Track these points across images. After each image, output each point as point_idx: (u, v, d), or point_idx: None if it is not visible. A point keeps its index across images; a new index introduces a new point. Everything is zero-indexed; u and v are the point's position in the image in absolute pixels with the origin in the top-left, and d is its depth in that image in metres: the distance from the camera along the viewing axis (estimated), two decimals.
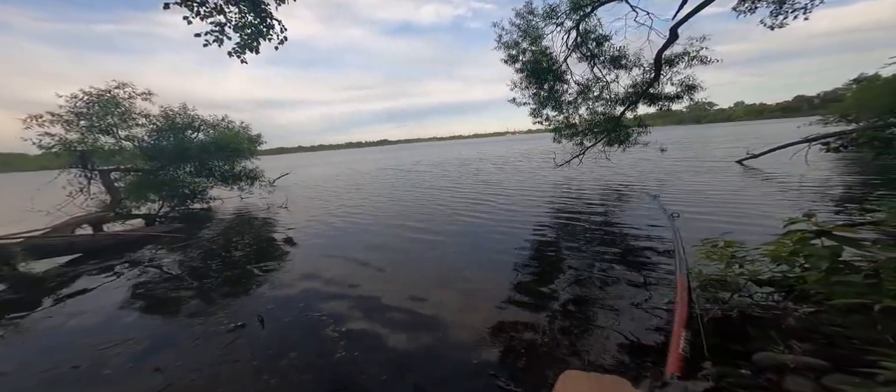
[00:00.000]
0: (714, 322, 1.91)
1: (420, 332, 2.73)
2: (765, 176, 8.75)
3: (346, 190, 13.75)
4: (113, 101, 8.58)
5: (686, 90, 7.81)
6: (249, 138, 11.86)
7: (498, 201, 8.06)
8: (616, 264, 3.72)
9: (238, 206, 11.42)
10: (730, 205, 6.00)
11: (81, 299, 4.06)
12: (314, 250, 5.56)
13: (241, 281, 4.34)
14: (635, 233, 4.83)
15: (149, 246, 6.64)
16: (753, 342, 1.73)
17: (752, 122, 69.53)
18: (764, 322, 1.84)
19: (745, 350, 1.67)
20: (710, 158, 13.69)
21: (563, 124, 9.72)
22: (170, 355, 2.65)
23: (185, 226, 8.34)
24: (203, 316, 3.34)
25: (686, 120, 17.98)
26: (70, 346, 2.90)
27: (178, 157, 9.87)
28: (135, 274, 4.91)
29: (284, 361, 2.47)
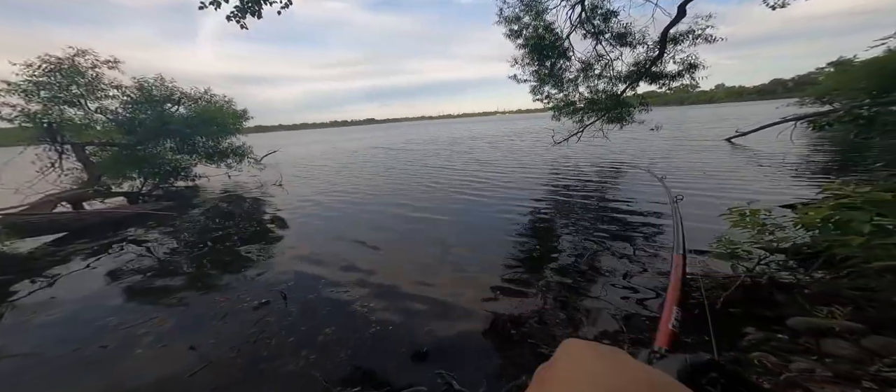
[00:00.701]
0: (742, 289, 2.06)
1: (435, 309, 2.77)
2: (755, 152, 9.21)
3: (338, 169, 13.40)
4: (75, 70, 7.75)
5: (688, 69, 7.86)
6: (234, 113, 11.16)
7: (494, 180, 8.12)
8: (614, 240, 3.86)
9: (227, 184, 10.94)
10: (730, 180, 6.33)
11: (85, 278, 3.88)
12: (317, 228, 5.47)
13: (251, 258, 4.24)
14: (634, 210, 5.01)
15: (138, 224, 6.32)
16: (782, 308, 1.88)
17: (732, 104, 72.31)
18: (789, 288, 1.99)
19: (774, 315, 1.81)
20: (701, 137, 14.18)
21: (563, 102, 9.67)
22: (200, 334, 2.61)
23: (174, 204, 7.95)
24: (222, 293, 3.27)
25: (671, 101, 18.49)
26: (91, 327, 2.79)
27: (157, 131, 9.19)
28: (135, 252, 4.70)
29: (320, 337, 2.48)
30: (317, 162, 16.23)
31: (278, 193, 8.93)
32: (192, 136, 9.85)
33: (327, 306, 2.91)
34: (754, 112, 28.42)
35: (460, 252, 3.92)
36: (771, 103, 41.40)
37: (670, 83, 8.01)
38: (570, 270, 3.25)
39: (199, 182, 11.01)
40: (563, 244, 3.98)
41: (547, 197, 6.34)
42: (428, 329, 2.49)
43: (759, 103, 59.13)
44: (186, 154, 10.29)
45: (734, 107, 55.37)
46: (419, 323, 2.58)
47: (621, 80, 8.59)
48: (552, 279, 3.11)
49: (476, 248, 4.02)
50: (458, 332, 2.45)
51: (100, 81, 8.26)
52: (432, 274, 3.41)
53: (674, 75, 8.04)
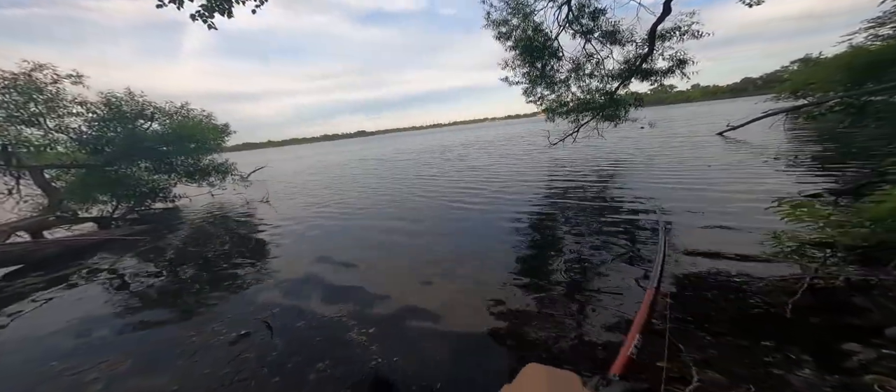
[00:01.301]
0: (812, 293, 1.75)
1: (440, 335, 2.40)
2: (750, 145, 9.27)
3: (328, 182, 12.90)
4: (32, 86, 7.13)
5: (678, 64, 7.84)
6: (215, 129, 10.62)
7: (487, 188, 7.75)
8: (607, 254, 3.42)
9: (209, 203, 10.31)
10: (738, 172, 6.20)
11: (31, 317, 3.31)
12: (306, 247, 4.99)
13: (232, 284, 3.76)
14: (630, 219, 4.68)
15: (105, 252, 5.71)
16: (869, 314, 1.56)
17: (707, 103, 74.90)
18: (867, 290, 1.69)
19: (868, 324, 1.50)
20: (691, 133, 14.28)
21: (556, 103, 9.57)
22: (161, 377, 2.13)
23: (149, 227, 7.32)
24: (196, 325, 2.79)
25: (649, 101, 19.04)
26: (29, 375, 2.27)
27: (129, 150, 8.57)
28: (95, 284, 4.13)
29: (312, 375, 2.05)
30: (304, 177, 15.68)
31: (264, 210, 8.40)
32: (168, 154, 9.27)
33: (319, 336, 2.48)
34: (732, 109, 29.37)
35: (455, 268, 3.50)
36: (745, 101, 43.01)
37: (662, 79, 8.03)
38: (557, 282, 2.92)
39: (181, 203, 10.37)
40: (553, 254, 3.58)
41: (542, 204, 6.00)
42: (436, 359, 2.09)
43: (733, 101, 61.59)
44: (163, 173, 9.69)
45: (710, 105, 57.32)
46: (425, 353, 2.18)
47: (613, 78, 8.56)
48: (540, 292, 2.76)
49: (470, 262, 3.64)
50: (468, 365, 2.05)
51: (61, 98, 7.63)
52: (430, 294, 2.99)
53: (664, 71, 8.02)
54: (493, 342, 2.21)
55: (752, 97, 22.44)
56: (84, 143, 8.22)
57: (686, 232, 3.61)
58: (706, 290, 2.45)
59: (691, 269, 2.78)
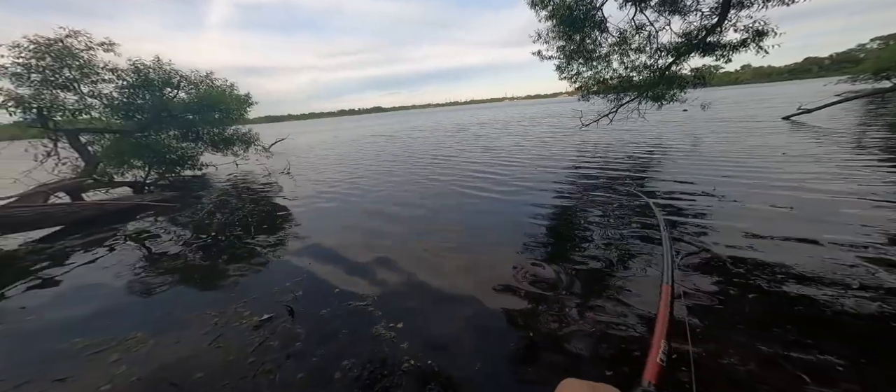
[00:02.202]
0: None
1: (481, 335, 2.15)
2: (829, 132, 8.16)
3: (348, 156, 12.80)
4: (67, 52, 7.20)
5: (755, 37, 6.57)
6: (238, 98, 10.59)
7: (506, 171, 7.31)
8: (636, 248, 3.10)
9: (234, 172, 10.49)
10: (825, 163, 5.42)
11: (61, 285, 3.37)
12: (327, 221, 4.88)
13: (254, 258, 3.68)
14: (676, 204, 4.20)
15: (140, 216, 5.87)
16: None
17: (759, 85, 67.59)
18: None
19: None
20: (747, 118, 12.73)
21: (593, 81, 8.68)
22: (185, 362, 2.04)
23: (179, 194, 7.49)
24: (218, 305, 2.71)
25: (685, 84, 16.75)
26: (50, 350, 2.25)
27: (158, 118, 8.69)
28: (127, 250, 4.20)
29: (337, 373, 1.88)
30: (323, 150, 15.68)
31: (286, 182, 8.42)
32: (194, 123, 9.36)
33: (343, 327, 2.31)
34: (790, 92, 26.39)
35: (476, 257, 3.27)
36: (807, 83, 38.07)
37: (730, 54, 6.75)
38: (583, 281, 2.61)
39: (207, 171, 10.64)
40: (578, 250, 3.22)
41: (567, 191, 5.54)
42: (476, 366, 1.86)
43: (790, 84, 55.05)
44: (191, 142, 9.87)
45: (762, 87, 51.82)
46: (461, 358, 1.94)
47: (668, 52, 7.43)
48: (564, 292, 2.45)
49: (491, 250, 3.38)
50: (506, 374, 1.81)
51: (94, 64, 7.71)
52: (460, 282, 2.78)
53: (735, 45, 6.78)
54: (522, 343, 1.98)
55: (818, 79, 19.67)
56: (116, 109, 8.37)
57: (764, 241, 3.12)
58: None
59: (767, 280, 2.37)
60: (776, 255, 2.74)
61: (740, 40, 6.72)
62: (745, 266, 2.63)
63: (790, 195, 4.15)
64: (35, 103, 6.79)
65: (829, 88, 13.80)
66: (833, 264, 2.56)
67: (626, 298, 2.36)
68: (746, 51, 6.72)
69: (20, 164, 7.13)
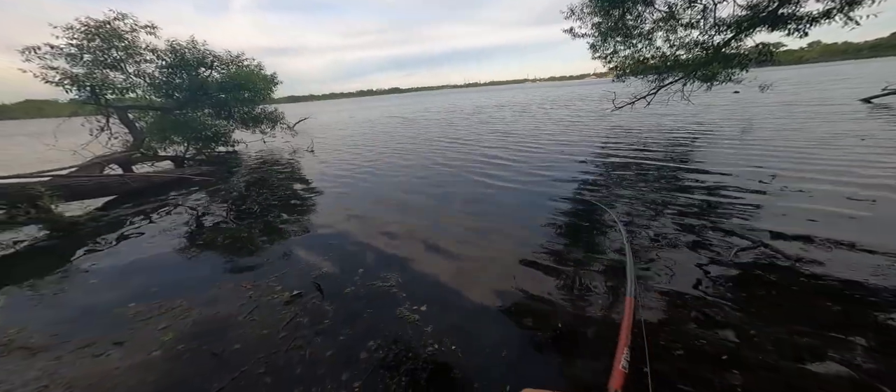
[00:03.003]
0: None
1: (484, 315, 2.11)
2: None
3: (370, 136, 12.91)
4: (114, 33, 7.60)
5: (845, 5, 5.31)
6: (265, 78, 10.86)
7: (523, 158, 7.02)
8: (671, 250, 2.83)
9: (262, 149, 10.93)
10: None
11: (119, 250, 3.70)
12: (349, 199, 4.99)
13: (284, 233, 3.85)
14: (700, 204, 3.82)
15: (180, 189, 6.29)
16: None
17: (827, 64, 58.44)
18: None
19: None
20: (816, 101, 11.27)
21: (632, 60, 7.96)
22: (224, 334, 2.18)
23: (215, 169, 7.93)
24: (253, 277, 2.87)
25: (746, 63, 14.40)
26: (107, 316, 2.49)
27: (194, 96, 9.11)
28: (171, 221, 4.53)
29: (363, 353, 1.93)
30: (350, 130, 15.89)
31: (310, 159, 8.70)
32: (226, 101, 9.75)
33: (368, 307, 2.36)
34: (872, 71, 22.95)
35: (493, 243, 3.21)
36: (890, 61, 32.45)
37: (807, 27, 5.61)
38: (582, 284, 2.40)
39: (238, 147, 11.16)
40: (604, 241, 3.04)
41: (592, 181, 5.24)
42: (503, 356, 1.84)
43: (872, 61, 47.10)
44: (223, 120, 10.33)
45: (831, 67, 45.43)
46: (487, 347, 1.93)
47: (728, 27, 6.43)
48: (558, 292, 2.28)
49: (507, 238, 3.30)
50: (532, 361, 1.77)
51: (137, 45, 8.11)
52: (479, 268, 2.74)
53: (816, 17, 5.60)
54: (546, 335, 1.91)
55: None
56: (157, 87, 8.85)
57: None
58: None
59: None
60: (841, 256, 2.44)
61: (824, 10, 5.56)
62: (804, 267, 2.37)
63: (866, 190, 3.66)
64: (88, 82, 7.30)
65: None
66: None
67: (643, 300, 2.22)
68: (829, 23, 5.54)
69: (78, 138, 7.78)
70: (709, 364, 1.68)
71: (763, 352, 1.73)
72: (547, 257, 2.85)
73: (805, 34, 5.60)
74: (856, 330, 1.82)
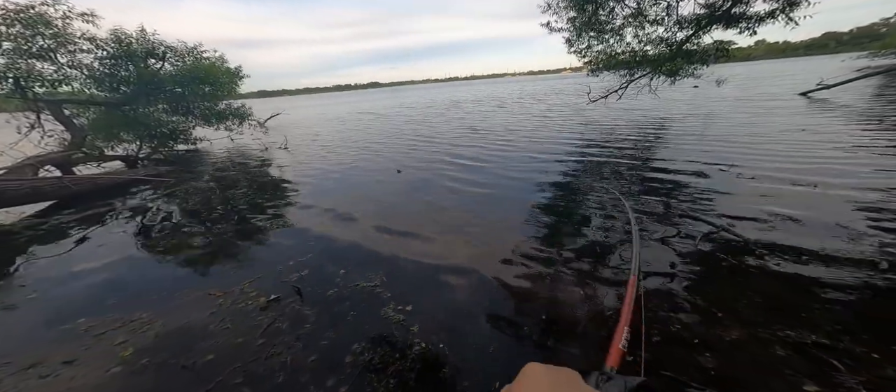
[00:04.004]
0: None
1: (471, 310, 2.13)
2: (845, 109, 7.94)
3: (346, 132, 12.49)
4: (39, 19, 6.68)
5: (786, 6, 6.08)
6: (228, 71, 10.13)
7: (513, 150, 7.15)
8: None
9: (229, 147, 10.26)
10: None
11: (62, 260, 3.30)
12: (329, 198, 4.78)
13: (257, 235, 3.62)
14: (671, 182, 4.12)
15: (134, 191, 5.73)
16: None
17: (773, 61, 65.71)
18: None
19: None
20: (762, 96, 12.23)
21: (605, 55, 8.29)
22: (194, 345, 2.01)
23: (173, 169, 7.32)
24: (224, 284, 2.67)
25: (706, 59, 15.86)
26: (54, 331, 2.22)
27: (144, 90, 8.29)
28: (125, 227, 4.11)
29: (348, 357, 1.86)
30: (326, 127, 15.29)
31: (284, 156, 8.25)
32: (183, 95, 8.98)
33: (352, 309, 2.28)
34: (809, 68, 25.60)
35: (477, 233, 3.27)
36: (825, 59, 36.99)
37: (755, 26, 6.31)
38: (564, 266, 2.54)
39: (201, 146, 10.39)
40: (589, 231, 3.19)
41: (567, 173, 5.44)
42: (491, 351, 1.85)
43: (807, 60, 53.45)
44: (181, 116, 9.53)
45: (776, 64, 50.22)
46: (476, 343, 1.93)
47: (688, 24, 6.96)
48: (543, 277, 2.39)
49: (487, 231, 3.35)
50: (517, 354, 1.80)
51: (69, 33, 7.17)
52: (464, 264, 2.73)
53: (763, 16, 6.31)
54: (534, 325, 1.95)
55: (836, 54, 18.99)
56: (98, 80, 7.93)
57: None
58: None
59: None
60: (782, 237, 2.70)
61: (769, 11, 6.28)
62: (761, 251, 2.59)
63: (808, 176, 4.07)
64: (10, 73, 6.39)
65: (847, 64, 13.48)
66: (861, 244, 2.51)
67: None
68: (774, 22, 6.31)
69: (4, 136, 6.84)
70: (682, 347, 1.78)
71: (727, 331, 1.87)
72: (530, 251, 2.90)
73: (754, 33, 6.23)
74: (807, 305, 2.02)
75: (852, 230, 2.74)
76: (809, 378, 1.52)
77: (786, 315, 1.90)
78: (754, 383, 1.53)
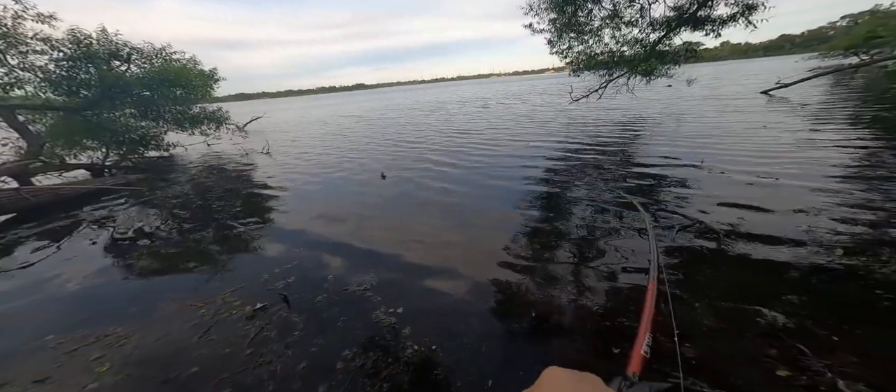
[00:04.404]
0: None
1: (464, 311, 2.18)
2: (808, 106, 8.57)
3: (329, 136, 12.26)
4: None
5: (744, 11, 6.65)
6: (201, 74, 9.68)
7: (498, 150, 7.28)
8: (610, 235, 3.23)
9: (206, 153, 9.85)
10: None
11: (24, 276, 3.08)
12: (311, 203, 4.72)
13: (238, 243, 3.52)
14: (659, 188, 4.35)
15: (101, 201, 5.41)
16: None
17: (738, 61, 70.75)
18: None
19: None
20: (730, 95, 13.00)
21: (585, 56, 8.59)
22: (177, 356, 1.94)
23: (145, 177, 6.95)
24: (205, 294, 2.57)
25: (678, 59, 17.20)
26: (23, 350, 2.07)
27: (108, 94, 7.80)
28: (93, 239, 3.88)
29: (339, 363, 1.84)
30: (309, 130, 14.93)
31: (266, 162, 8.01)
32: (152, 100, 8.52)
33: (342, 314, 2.26)
34: (767, 68, 27.45)
35: (465, 228, 3.30)
36: (782, 59, 40.47)
37: (719, 29, 6.83)
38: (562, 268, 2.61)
39: (176, 152, 9.90)
40: (579, 233, 3.31)
41: (553, 175, 5.61)
42: (480, 349, 1.88)
43: (767, 60, 58.11)
44: (151, 120, 9.04)
45: (741, 64, 53.79)
46: (468, 343, 1.95)
47: (660, 26, 7.40)
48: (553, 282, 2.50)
49: (474, 220, 3.43)
50: (513, 355, 1.84)
51: (21, 33, 6.66)
52: (454, 266, 2.76)
53: (725, 19, 6.85)
54: (525, 325, 2.01)
55: (791, 55, 20.90)
56: (56, 84, 7.39)
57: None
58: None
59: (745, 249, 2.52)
60: (748, 226, 2.90)
61: (730, 14, 6.79)
62: (732, 242, 2.77)
63: (771, 168, 4.37)
64: None
65: (801, 64, 14.80)
66: (819, 232, 2.71)
67: (616, 288, 2.43)
68: (735, 25, 6.82)
69: None
70: (664, 338, 1.88)
71: (704, 320, 1.99)
72: (517, 250, 2.95)
73: (718, 34, 6.77)
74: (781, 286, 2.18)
75: (811, 220, 2.97)
76: (782, 364, 1.59)
77: (756, 302, 2.01)
78: (733, 372, 1.58)
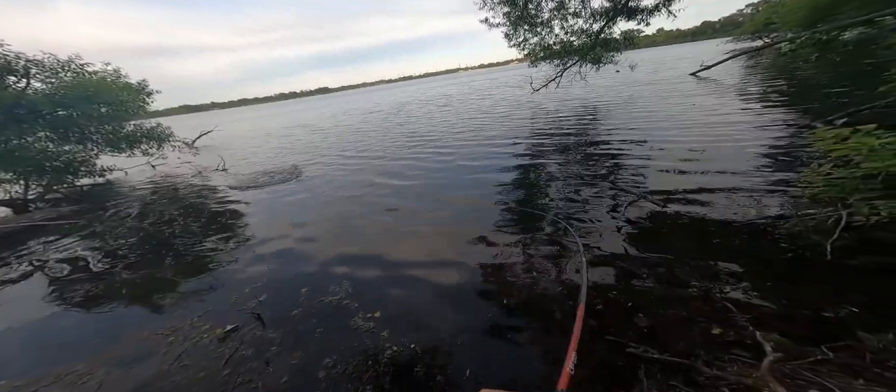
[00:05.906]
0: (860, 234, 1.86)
1: (440, 308, 2.31)
2: (729, 84, 9.70)
3: (286, 147, 11.72)
4: None
5: (664, 2, 7.53)
6: (128, 87, 8.69)
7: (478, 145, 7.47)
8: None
9: (152, 175, 9.02)
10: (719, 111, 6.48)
11: None
12: (275, 218, 4.52)
13: (201, 266, 3.37)
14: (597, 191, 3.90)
15: (30, 240, 4.82)
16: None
17: (672, 46, 78.02)
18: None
19: None
20: (665, 80, 14.06)
21: (539, 47, 9.08)
22: (150, 387, 1.87)
23: (80, 208, 6.27)
24: (169, 322, 2.47)
25: (618, 46, 19.19)
26: None
27: (10, 116, 6.74)
28: (23, 286, 3.48)
29: (321, 372, 1.87)
30: (265, 142, 14.09)
31: (223, 179, 7.50)
32: (71, 119, 7.45)
33: (319, 325, 2.28)
34: (695, 51, 30.36)
35: (435, 229, 3.42)
36: (706, 43, 45.51)
37: (648, 18, 7.76)
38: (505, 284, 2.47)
39: (114, 177, 8.91)
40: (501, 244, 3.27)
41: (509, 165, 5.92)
42: (458, 343, 2.00)
43: (694, 44, 64.84)
44: (76, 143, 7.95)
45: (674, 48, 59.20)
46: (445, 337, 2.02)
47: (599, 17, 8.11)
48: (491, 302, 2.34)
49: (441, 221, 3.62)
50: (491, 347, 1.99)
51: None
52: (427, 265, 2.85)
53: (651, 9, 7.71)
54: (498, 315, 2.13)
55: (712, 39, 23.67)
56: None
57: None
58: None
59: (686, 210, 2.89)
60: (684, 196, 3.29)
61: (654, 4, 7.66)
62: (672, 207, 3.13)
63: (701, 142, 4.95)
64: None
65: (720, 47, 16.92)
66: (737, 196, 3.10)
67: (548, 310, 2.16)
68: (660, 14, 7.74)
69: None
70: (620, 311, 2.11)
71: (651, 290, 2.27)
72: (485, 246, 3.02)
73: (648, 24, 7.63)
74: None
75: (735, 187, 3.37)
76: (715, 323, 1.76)
77: (693, 268, 2.25)
78: (676, 334, 1.74)
